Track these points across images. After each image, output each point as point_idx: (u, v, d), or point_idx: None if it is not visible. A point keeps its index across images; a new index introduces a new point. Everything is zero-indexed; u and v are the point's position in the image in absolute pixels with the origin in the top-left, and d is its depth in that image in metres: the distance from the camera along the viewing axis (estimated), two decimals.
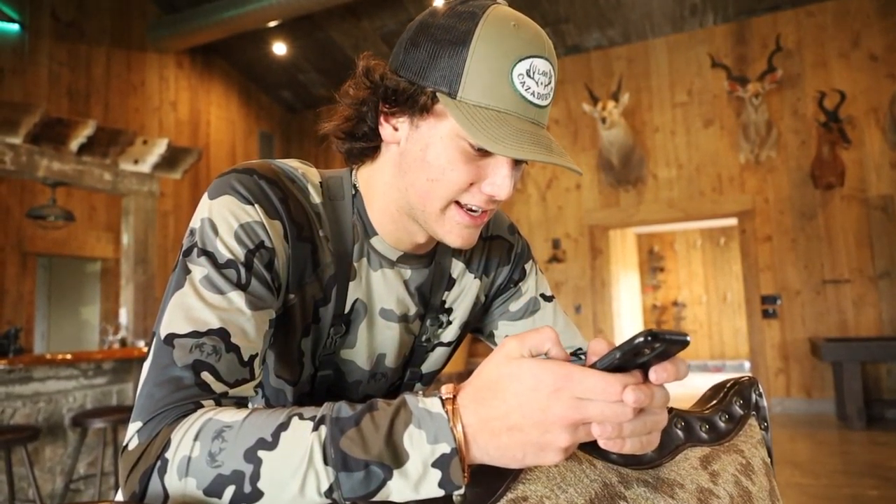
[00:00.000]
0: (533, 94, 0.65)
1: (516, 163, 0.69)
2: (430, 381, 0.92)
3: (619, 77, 6.72)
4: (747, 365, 9.41)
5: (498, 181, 0.68)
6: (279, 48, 7.27)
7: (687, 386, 8.65)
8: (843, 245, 5.95)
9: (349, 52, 7.30)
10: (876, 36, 5.96)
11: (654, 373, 0.47)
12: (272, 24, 6.40)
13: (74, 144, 4.24)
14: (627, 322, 8.71)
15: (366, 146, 0.75)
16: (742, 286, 6.60)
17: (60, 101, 5.80)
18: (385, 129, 0.72)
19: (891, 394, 5.71)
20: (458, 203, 0.70)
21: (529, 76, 0.64)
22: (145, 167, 4.75)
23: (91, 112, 6.02)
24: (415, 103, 0.67)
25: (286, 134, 8.81)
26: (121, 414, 3.61)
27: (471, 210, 0.70)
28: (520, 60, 0.64)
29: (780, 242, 6.20)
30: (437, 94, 0.65)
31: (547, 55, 0.66)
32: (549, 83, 0.66)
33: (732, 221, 7.39)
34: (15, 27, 5.48)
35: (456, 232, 0.71)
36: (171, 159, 4.94)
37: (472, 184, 0.68)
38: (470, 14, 0.65)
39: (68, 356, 3.64)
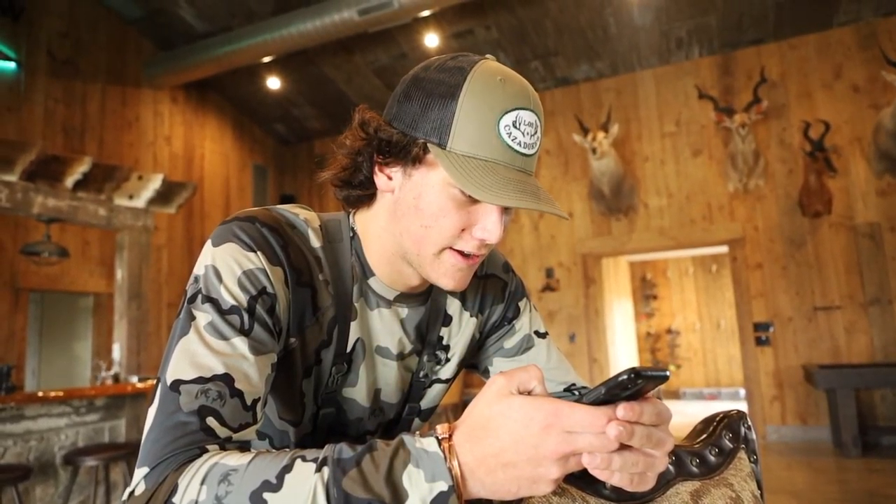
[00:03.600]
0: (519, 143, 0.68)
1: (506, 208, 0.72)
2: (428, 417, 0.94)
3: (608, 108, 6.84)
4: (742, 392, 9.39)
5: (489, 226, 0.71)
6: (273, 83, 7.38)
7: (685, 414, 8.60)
8: (833, 272, 6.01)
9: (342, 85, 7.42)
10: (857, 67, 6.11)
11: (622, 409, 0.50)
12: (266, 59, 6.51)
13: (70, 181, 4.27)
14: (622, 350, 8.70)
15: (362, 194, 0.78)
16: (735, 313, 6.64)
17: (55, 137, 5.84)
18: (380, 179, 0.75)
19: (886, 420, 5.71)
20: (451, 248, 0.73)
21: (516, 127, 0.68)
22: (140, 202, 4.78)
23: (86, 148, 6.06)
24: (407, 154, 0.70)
25: (280, 167, 8.87)
26: (113, 451, 3.57)
27: (464, 253, 0.73)
28: (506, 112, 0.67)
29: (771, 270, 6.26)
30: (429, 145, 0.69)
31: (532, 107, 0.69)
32: (535, 133, 0.70)
33: (724, 249, 7.46)
34: (11, 65, 5.55)
35: (450, 275, 0.74)
36: (165, 194, 4.97)
37: (463, 230, 0.71)
38: (459, 69, 0.69)
39: (60, 393, 3.61)
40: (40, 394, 3.58)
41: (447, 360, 0.91)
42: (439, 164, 0.68)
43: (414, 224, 0.72)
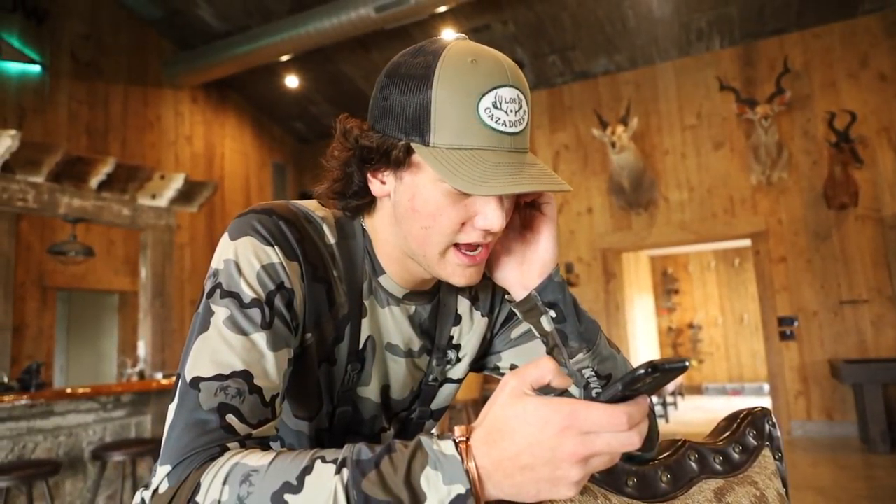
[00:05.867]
0: (504, 123, 0.65)
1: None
2: (440, 417, 0.94)
3: (627, 102, 6.78)
4: (766, 388, 9.28)
5: (489, 215, 0.68)
6: (291, 81, 7.42)
7: (707, 410, 8.52)
8: (860, 265, 5.90)
9: (359, 83, 7.44)
10: (884, 56, 5.98)
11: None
12: (284, 58, 6.55)
13: (94, 181, 4.34)
14: (643, 345, 8.64)
15: (360, 202, 0.77)
16: (758, 307, 6.55)
17: (79, 138, 5.94)
18: (374, 185, 0.74)
19: None
20: (455, 245, 0.71)
21: (497, 107, 0.65)
22: (163, 202, 4.84)
23: (109, 148, 6.16)
24: (391, 158, 0.69)
25: (298, 164, 8.93)
26: (140, 447, 3.63)
27: (469, 249, 0.71)
28: (483, 95, 0.64)
29: (796, 263, 6.16)
30: (412, 145, 0.67)
31: (511, 82, 0.66)
32: (520, 108, 0.67)
33: (746, 242, 7.36)
34: (36, 68, 5.66)
35: (459, 273, 0.73)
36: (187, 193, 5.03)
37: (464, 223, 0.69)
38: (426, 60, 0.66)
39: (87, 390, 3.68)
40: (69, 390, 3.65)
41: (458, 359, 0.90)
42: (425, 163, 0.67)
43: (414, 226, 0.71)
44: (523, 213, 0.78)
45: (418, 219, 0.70)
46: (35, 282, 5.50)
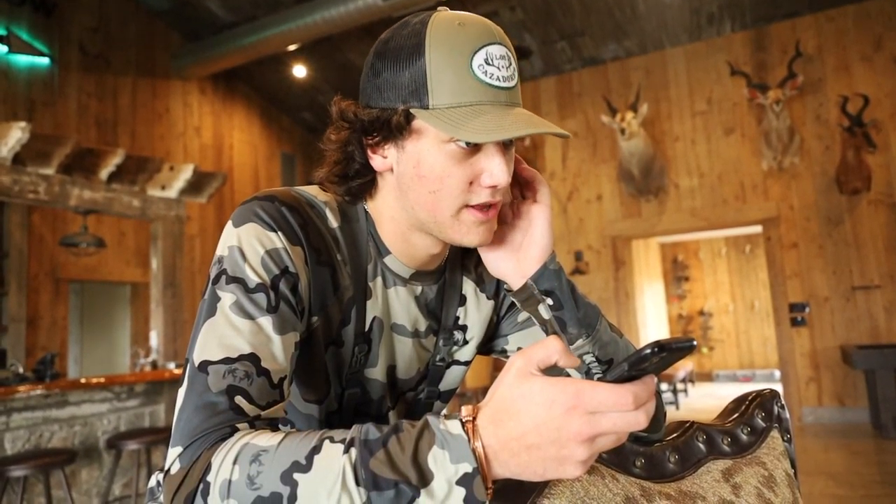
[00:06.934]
0: (497, 78, 0.67)
1: (505, 148, 0.71)
2: (448, 399, 0.95)
3: (637, 87, 6.72)
4: (777, 374, 9.24)
5: (494, 170, 0.69)
6: (299, 71, 7.42)
7: (718, 397, 8.51)
8: (872, 250, 5.85)
9: None
10: None
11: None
12: (292, 47, 6.54)
13: (104, 173, 4.37)
14: (653, 333, 8.62)
15: (362, 182, 0.78)
16: (769, 294, 6.51)
17: (89, 130, 5.97)
18: (375, 160, 0.75)
19: None
20: (467, 206, 0.72)
21: (489, 64, 0.67)
22: (172, 193, 4.86)
23: (118, 140, 6.19)
24: (393, 127, 0.70)
25: (307, 154, 8.94)
26: (154, 435, 3.67)
27: (480, 208, 0.72)
28: (475, 53, 0.67)
29: (807, 249, 6.12)
30: (411, 111, 0.68)
31: (499, 40, 0.69)
32: (510, 65, 0.69)
33: (757, 229, 7.31)
34: (45, 61, 5.68)
35: (473, 231, 0.73)
36: (196, 184, 5.05)
37: (471, 183, 0.70)
38: (415, 29, 0.69)
39: (102, 380, 3.72)
40: (83, 380, 3.70)
41: (465, 341, 0.90)
42: (427, 126, 0.68)
43: (422, 193, 0.71)
44: (516, 203, 0.79)
45: (426, 184, 0.71)
46: (48, 274, 5.56)
